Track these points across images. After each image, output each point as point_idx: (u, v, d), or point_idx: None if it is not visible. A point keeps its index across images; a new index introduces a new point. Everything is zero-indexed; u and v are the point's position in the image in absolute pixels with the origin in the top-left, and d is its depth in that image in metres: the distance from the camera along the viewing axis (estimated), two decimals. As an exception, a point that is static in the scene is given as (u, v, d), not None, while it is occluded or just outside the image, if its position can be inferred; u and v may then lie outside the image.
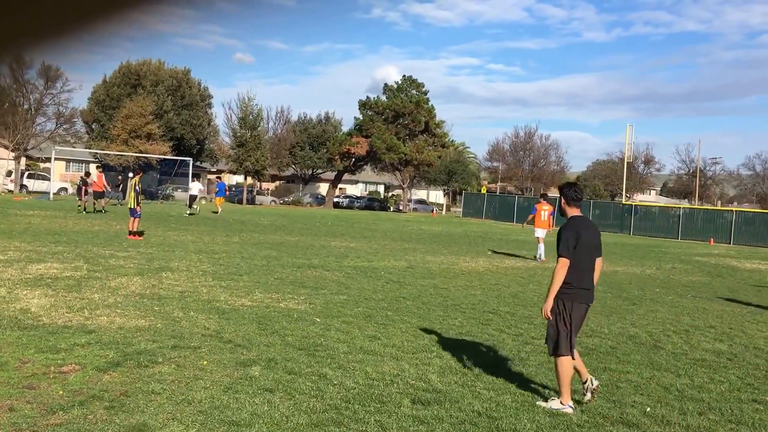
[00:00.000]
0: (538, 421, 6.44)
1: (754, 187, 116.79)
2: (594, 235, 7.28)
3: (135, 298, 11.58)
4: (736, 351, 10.49)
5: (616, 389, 7.76)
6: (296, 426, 5.86)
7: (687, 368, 9.09)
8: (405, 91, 76.59)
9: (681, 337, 11.36)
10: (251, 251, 20.65)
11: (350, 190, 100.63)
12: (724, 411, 7.17)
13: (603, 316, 13.03)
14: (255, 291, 13.21)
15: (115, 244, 19.78)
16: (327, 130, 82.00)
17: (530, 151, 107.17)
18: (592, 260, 7.20)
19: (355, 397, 6.76)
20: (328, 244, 25.45)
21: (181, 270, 15.37)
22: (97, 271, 14.45)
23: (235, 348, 8.48)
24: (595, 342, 10.44)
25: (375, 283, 15.56)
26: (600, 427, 6.41)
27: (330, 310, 11.64)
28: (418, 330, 10.49)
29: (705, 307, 15.23)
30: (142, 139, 59.18)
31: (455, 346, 9.48)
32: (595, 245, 7.23)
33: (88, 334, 8.71)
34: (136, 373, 7.07)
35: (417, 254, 23.59)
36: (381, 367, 8.02)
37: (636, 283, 19.26)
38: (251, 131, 70.28)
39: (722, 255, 35.79)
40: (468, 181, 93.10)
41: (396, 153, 73.25)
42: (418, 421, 6.19)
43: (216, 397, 6.46)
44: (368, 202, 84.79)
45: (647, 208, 62.95)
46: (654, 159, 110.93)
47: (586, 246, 7.09)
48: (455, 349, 9.33)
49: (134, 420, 5.73)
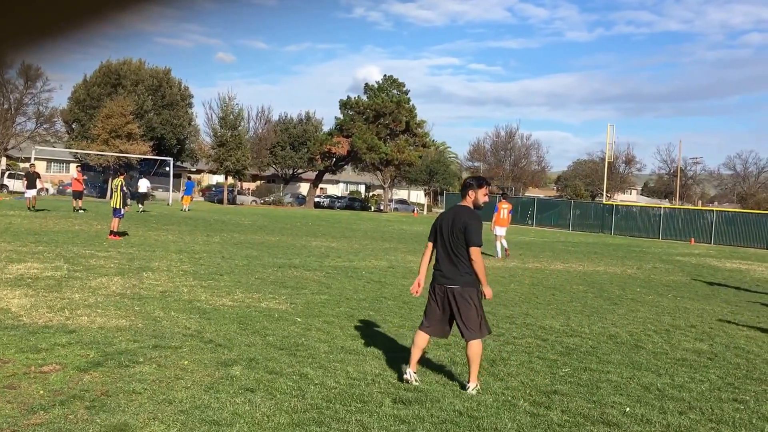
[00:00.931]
0: (519, 420, 6.46)
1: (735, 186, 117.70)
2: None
3: (116, 297, 11.53)
4: (717, 350, 10.55)
5: (597, 389, 7.79)
6: (277, 425, 5.85)
7: (667, 368, 9.14)
8: (386, 91, 76.69)
9: (661, 336, 11.42)
10: (232, 251, 20.60)
11: (331, 190, 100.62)
12: (705, 410, 7.21)
13: (584, 315, 13.09)
14: (236, 291, 13.18)
15: (95, 244, 19.68)
16: (308, 130, 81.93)
17: (511, 150, 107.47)
18: None
19: (336, 397, 6.76)
20: (308, 243, 25.42)
21: (161, 270, 15.32)
22: (78, 271, 14.38)
23: (216, 348, 8.46)
24: (576, 342, 10.48)
25: (356, 282, 15.56)
26: (581, 426, 6.43)
27: (311, 310, 11.64)
28: (400, 330, 10.50)
29: (686, 306, 15.32)
30: (123, 139, 58.92)
31: (437, 346, 9.48)
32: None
33: (69, 334, 8.66)
34: (117, 373, 7.04)
35: (398, 254, 23.60)
36: (362, 367, 8.02)
37: (617, 282, 19.34)
38: (232, 131, 70.12)
39: (703, 255, 36.00)
40: (449, 181, 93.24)
41: (377, 153, 73.29)
42: (399, 421, 6.20)
43: (197, 397, 6.44)
44: (349, 202, 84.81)
45: (628, 208, 63.25)
46: (635, 159, 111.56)
47: None
48: (436, 348, 9.33)
49: (115, 420, 5.70)
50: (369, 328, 10.40)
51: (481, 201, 7.81)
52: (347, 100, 77.20)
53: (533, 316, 12.71)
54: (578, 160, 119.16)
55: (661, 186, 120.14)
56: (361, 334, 9.90)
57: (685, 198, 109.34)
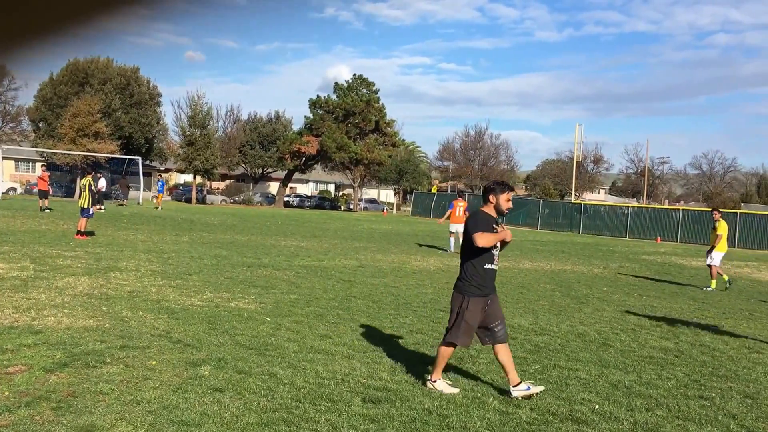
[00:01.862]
0: (488, 418, 6.49)
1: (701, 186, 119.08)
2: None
3: (83, 298, 11.43)
4: (683, 348, 10.66)
5: (566, 386, 7.84)
6: (246, 425, 5.84)
7: (635, 365, 9.22)
8: (355, 90, 76.68)
9: (629, 335, 11.51)
10: (201, 250, 20.50)
11: (301, 189, 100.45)
12: (671, 407, 7.28)
13: (552, 314, 13.16)
14: (205, 290, 13.12)
15: (62, 244, 19.50)
16: (277, 129, 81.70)
17: (480, 150, 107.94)
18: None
19: (305, 396, 6.75)
20: (278, 243, 25.36)
21: (129, 270, 15.21)
22: (44, 271, 14.24)
23: (185, 348, 8.41)
24: (545, 340, 10.54)
25: (325, 282, 15.54)
26: (549, 424, 6.47)
27: (280, 310, 11.61)
28: (369, 329, 10.50)
29: (652, 304, 15.45)
30: (90, 138, 58.35)
31: (406, 345, 9.51)
32: None
33: (35, 334, 8.58)
34: (84, 374, 6.98)
35: (367, 253, 23.60)
36: (332, 366, 8.01)
37: (584, 281, 19.47)
38: (201, 130, 69.75)
39: (669, 253, 36.32)
40: (419, 180, 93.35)
41: (346, 152, 73.28)
42: (368, 420, 6.20)
43: (165, 397, 6.40)
44: (319, 201, 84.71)
45: (596, 207, 63.70)
46: (603, 158, 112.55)
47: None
48: (406, 347, 9.36)
49: (82, 421, 5.66)
50: (338, 328, 10.39)
51: (504, 207, 7.62)
52: (317, 100, 77.10)
53: (502, 314, 12.76)
54: (547, 160, 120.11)
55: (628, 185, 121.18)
56: (331, 334, 9.89)
57: (652, 197, 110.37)
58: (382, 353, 8.90)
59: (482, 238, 7.30)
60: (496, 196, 7.60)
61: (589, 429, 6.42)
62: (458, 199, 27.35)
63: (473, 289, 7.44)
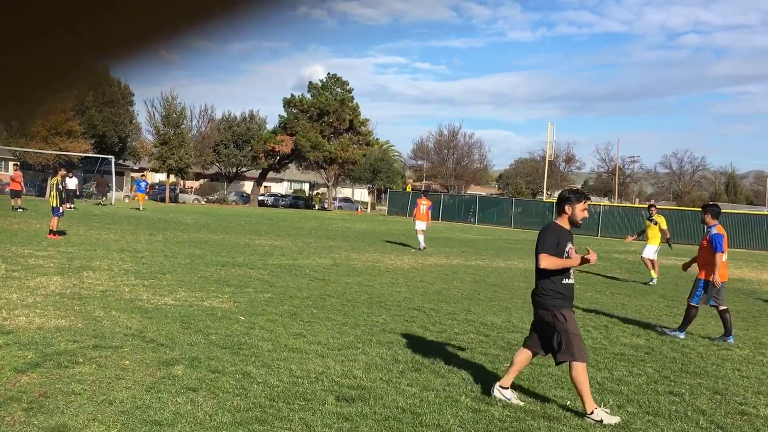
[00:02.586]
0: (461, 416, 6.53)
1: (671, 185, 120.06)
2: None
3: (55, 297, 11.36)
4: (653, 345, 10.77)
5: (538, 383, 7.91)
6: (220, 425, 5.84)
7: (606, 362, 9.30)
8: (330, 89, 76.72)
9: (600, 332, 11.61)
10: (175, 250, 20.42)
11: (275, 189, 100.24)
12: (642, 403, 7.37)
13: (525, 311, 13.23)
14: (178, 290, 13.08)
15: (34, 243, 19.35)
16: (251, 128, 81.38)
17: (454, 149, 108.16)
18: None
19: (279, 395, 6.76)
20: (252, 242, 25.30)
21: (102, 269, 15.13)
22: (16, 270, 14.12)
23: (158, 347, 8.39)
24: (517, 337, 10.59)
25: (300, 281, 15.54)
26: (521, 421, 6.52)
27: (254, 309, 11.60)
28: (343, 327, 10.51)
29: (623, 302, 15.59)
30: (63, 137, 57.86)
31: (380, 343, 9.53)
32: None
33: (6, 334, 8.52)
34: (56, 374, 6.95)
35: (342, 252, 23.61)
36: (306, 365, 8.03)
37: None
38: (174, 129, 69.42)
39: (640, 252, 36.50)
40: (393, 179, 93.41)
41: (320, 151, 73.28)
42: (342, 418, 6.22)
43: (138, 397, 6.39)
44: (293, 201, 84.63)
45: (569, 206, 63.90)
46: (575, 157, 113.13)
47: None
48: (380, 346, 9.38)
49: (53, 421, 5.64)
50: (312, 326, 10.40)
51: (579, 217, 7.21)
52: (291, 99, 77.01)
53: (475, 312, 12.84)
54: (520, 159, 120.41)
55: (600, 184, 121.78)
56: (305, 332, 9.90)
57: (623, 196, 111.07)
58: (356, 352, 8.92)
59: (546, 260, 6.96)
60: (572, 206, 7.18)
61: (561, 426, 6.48)
62: (422, 197, 28.52)
63: (559, 302, 7.03)
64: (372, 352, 8.98)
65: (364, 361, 8.42)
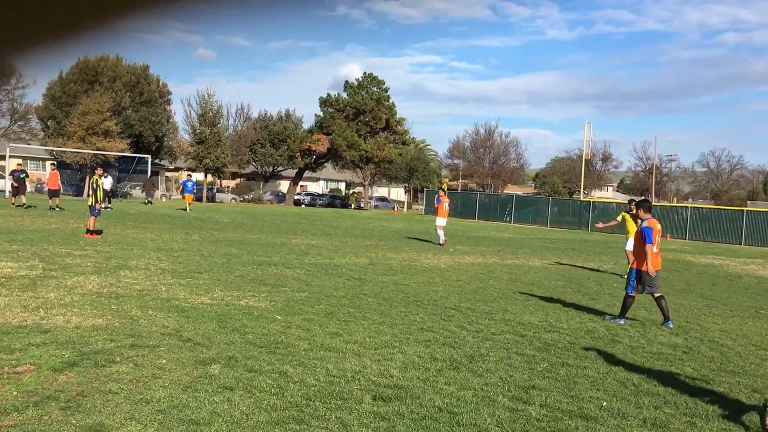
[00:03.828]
0: (498, 416, 6.47)
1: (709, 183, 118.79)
2: None
3: (92, 296, 11.44)
4: (692, 344, 10.63)
5: (574, 384, 7.82)
6: (256, 424, 5.83)
7: (643, 362, 9.19)
8: (366, 89, 76.67)
9: (638, 331, 11.49)
10: (211, 249, 20.51)
11: (311, 188, 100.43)
12: (679, 404, 7.26)
13: (562, 311, 13.14)
14: (215, 289, 13.12)
15: (71, 243, 19.53)
16: (288, 128, 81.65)
17: (490, 148, 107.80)
18: None
19: (316, 395, 6.74)
20: (288, 241, 25.35)
21: (139, 268, 15.22)
22: (53, 269, 14.25)
23: (195, 346, 8.41)
24: (554, 337, 10.51)
25: (336, 280, 15.53)
26: (558, 421, 6.45)
27: (291, 308, 11.60)
28: (380, 326, 10.48)
29: (662, 301, 15.40)
30: (100, 136, 58.49)
31: (417, 342, 9.49)
32: None
33: (44, 333, 8.59)
34: (93, 373, 6.98)
35: (378, 251, 23.58)
36: (342, 364, 8.00)
37: (594, 278, 19.42)
38: (211, 128, 69.87)
39: (678, 250, 36.19)
40: (429, 178, 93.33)
41: (357, 150, 73.30)
42: (379, 418, 6.19)
43: (175, 396, 6.40)
44: (329, 200, 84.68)
45: (605, 205, 63.52)
46: (611, 156, 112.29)
47: None
48: (417, 344, 9.34)
49: (91, 420, 5.66)
50: (349, 325, 10.38)
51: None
52: (327, 98, 77.14)
53: (512, 312, 12.74)
54: (556, 158, 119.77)
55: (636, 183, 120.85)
56: (341, 332, 9.88)
57: (660, 195, 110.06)
58: (393, 351, 8.89)
59: None
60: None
61: (598, 426, 6.40)
62: (444, 194, 29.98)
63: None
64: (409, 350, 8.94)
65: (401, 360, 8.38)
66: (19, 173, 36.23)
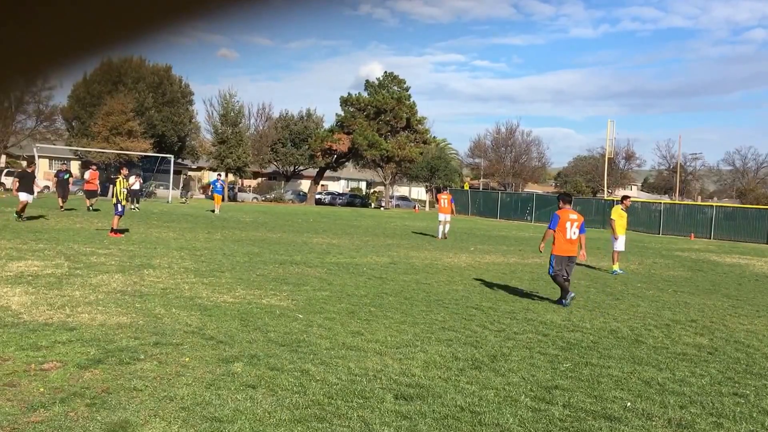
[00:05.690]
0: (521, 415, 6.46)
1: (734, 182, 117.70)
2: None
3: (116, 295, 11.52)
4: (717, 345, 10.56)
5: (598, 384, 7.79)
6: (279, 422, 5.86)
7: (668, 362, 9.14)
8: (386, 88, 76.66)
9: (662, 331, 11.42)
10: (233, 248, 20.59)
11: (332, 187, 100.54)
12: (705, 404, 7.21)
13: (586, 310, 13.09)
14: (237, 287, 13.18)
15: (96, 242, 19.67)
16: (308, 127, 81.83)
17: (512, 147, 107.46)
18: None
19: (337, 393, 6.76)
20: (310, 240, 25.41)
21: (162, 267, 15.31)
22: (78, 268, 14.37)
23: (218, 344, 8.46)
24: (577, 337, 10.48)
25: (357, 279, 15.55)
26: (582, 421, 6.43)
27: (312, 307, 11.63)
28: (401, 325, 10.49)
29: (686, 301, 15.31)
30: (123, 136, 58.91)
31: (438, 341, 9.49)
32: None
33: (69, 331, 8.66)
34: (118, 370, 7.04)
35: (399, 250, 23.59)
36: (364, 363, 8.02)
37: (618, 278, 19.33)
38: (232, 128, 70.13)
39: (702, 249, 35.95)
40: (450, 177, 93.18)
41: (377, 149, 73.27)
42: (401, 417, 6.20)
43: (198, 394, 6.44)
44: (350, 199, 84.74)
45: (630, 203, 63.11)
46: (635, 155, 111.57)
47: None
48: (438, 344, 9.34)
49: (116, 417, 5.71)
50: (370, 324, 10.40)
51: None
52: (348, 97, 77.18)
53: (534, 311, 12.72)
54: (578, 156, 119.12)
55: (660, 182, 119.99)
56: (363, 330, 9.90)
57: (684, 194, 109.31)
58: (415, 350, 8.89)
59: None
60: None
61: (622, 426, 6.37)
62: (442, 192, 33.05)
63: None
64: (431, 350, 8.94)
65: (422, 359, 8.39)
66: (64, 173, 34.70)
